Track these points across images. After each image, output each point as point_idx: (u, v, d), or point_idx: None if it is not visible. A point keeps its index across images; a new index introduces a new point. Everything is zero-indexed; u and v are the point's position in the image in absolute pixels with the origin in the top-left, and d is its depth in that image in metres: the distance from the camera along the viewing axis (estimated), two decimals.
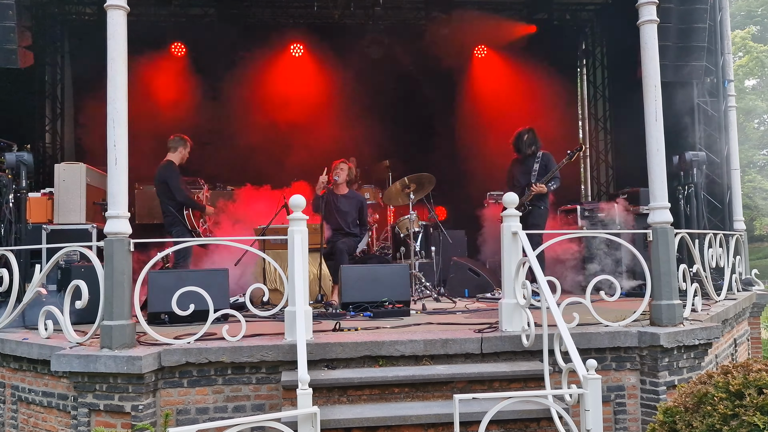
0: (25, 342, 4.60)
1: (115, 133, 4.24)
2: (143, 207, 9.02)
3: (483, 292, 7.36)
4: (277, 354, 4.19)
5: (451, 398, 3.57)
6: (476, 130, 10.59)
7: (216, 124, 10.43)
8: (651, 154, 4.81)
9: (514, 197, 4.73)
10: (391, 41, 10.92)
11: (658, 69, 4.85)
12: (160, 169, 6.97)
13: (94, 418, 4.10)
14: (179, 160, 7.04)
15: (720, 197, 8.31)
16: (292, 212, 4.49)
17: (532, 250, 4.38)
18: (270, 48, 10.67)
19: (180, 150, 7.04)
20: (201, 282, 4.55)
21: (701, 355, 4.69)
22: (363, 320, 5.42)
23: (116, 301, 4.16)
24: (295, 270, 4.29)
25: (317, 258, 6.27)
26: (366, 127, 10.05)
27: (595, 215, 7.99)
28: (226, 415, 4.18)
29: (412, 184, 7.50)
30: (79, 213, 6.98)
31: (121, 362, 3.95)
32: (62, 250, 4.68)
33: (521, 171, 7.30)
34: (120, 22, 4.31)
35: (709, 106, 8.41)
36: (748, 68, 26.50)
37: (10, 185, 5.85)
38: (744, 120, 24.96)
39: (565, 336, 3.82)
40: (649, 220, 4.87)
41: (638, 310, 4.73)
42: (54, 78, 10.65)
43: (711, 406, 3.07)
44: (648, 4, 4.84)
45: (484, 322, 4.89)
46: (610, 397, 4.52)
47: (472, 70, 11.31)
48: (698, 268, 5.68)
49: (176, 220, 6.82)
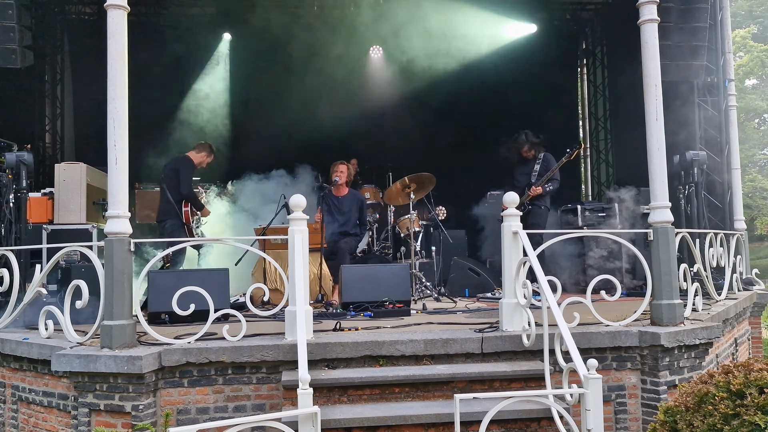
0: (26, 342, 4.60)
1: (115, 133, 4.24)
2: (143, 207, 9.01)
3: (483, 291, 7.36)
4: (278, 354, 4.18)
5: (452, 398, 3.57)
6: (477, 129, 10.59)
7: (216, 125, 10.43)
8: (651, 153, 4.81)
9: (514, 197, 4.73)
10: (392, 42, 10.91)
11: (659, 68, 4.84)
12: (175, 158, 7.13)
13: (95, 418, 4.10)
14: (198, 162, 7.16)
15: (720, 197, 8.32)
16: (293, 212, 4.49)
17: (532, 250, 4.38)
18: (270, 47, 10.68)
19: (203, 154, 7.22)
20: (201, 282, 4.54)
21: (702, 354, 4.68)
22: (363, 320, 5.41)
23: (116, 300, 4.16)
24: (295, 270, 4.29)
25: (318, 258, 6.26)
26: (366, 127, 10.05)
27: (595, 214, 7.98)
28: (226, 415, 4.18)
29: (412, 184, 7.50)
30: (79, 213, 6.97)
31: (122, 362, 3.95)
32: (62, 250, 4.68)
33: (522, 171, 7.33)
34: (120, 22, 4.30)
35: (710, 105, 8.42)
36: (748, 68, 26.47)
37: (11, 185, 5.85)
38: (744, 119, 24.94)
39: (566, 335, 3.81)
40: (649, 219, 4.87)
41: (639, 309, 4.72)
42: (54, 78, 10.64)
43: (712, 405, 3.06)
44: (648, 3, 4.83)
45: (485, 322, 4.89)
46: (610, 397, 4.52)
47: (471, 69, 11.29)
48: (699, 267, 5.68)
49: (172, 212, 6.84)
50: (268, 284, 6.31)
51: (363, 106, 10.56)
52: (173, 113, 10.34)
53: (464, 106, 10.96)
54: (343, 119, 10.06)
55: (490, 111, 10.76)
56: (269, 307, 4.74)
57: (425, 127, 10.72)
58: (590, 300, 4.53)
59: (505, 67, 10.79)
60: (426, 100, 10.76)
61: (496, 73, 10.77)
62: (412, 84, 10.73)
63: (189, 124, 10.17)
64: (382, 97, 10.74)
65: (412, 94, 10.77)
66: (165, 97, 10.29)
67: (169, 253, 5.46)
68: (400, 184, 7.59)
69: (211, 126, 10.36)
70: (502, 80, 10.73)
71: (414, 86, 10.72)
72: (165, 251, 5.38)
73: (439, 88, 10.84)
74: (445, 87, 10.89)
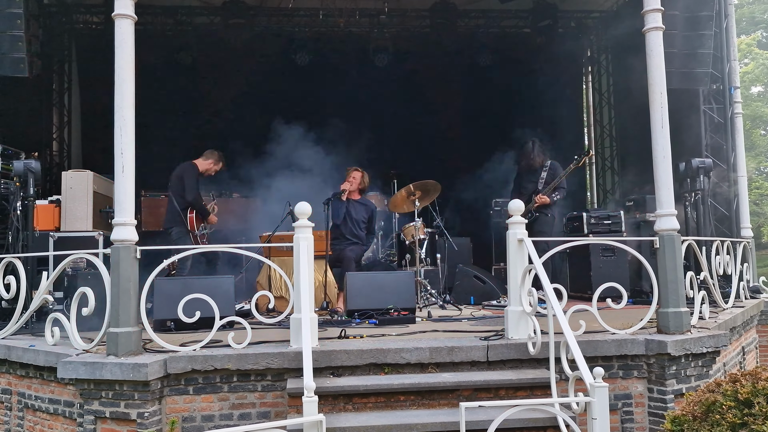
0: (32, 349, 4.62)
1: (122, 141, 4.27)
2: (149, 214, 9.04)
3: (489, 299, 7.34)
4: (283, 361, 4.18)
5: (457, 406, 3.56)
6: (482, 137, 10.60)
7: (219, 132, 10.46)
8: (657, 161, 4.80)
9: (520, 204, 4.72)
10: (396, 49, 10.96)
11: (664, 76, 4.85)
12: (181, 165, 7.06)
13: (100, 426, 4.10)
14: (204, 169, 7.10)
15: (727, 204, 8.29)
16: (298, 219, 4.49)
17: (538, 257, 4.37)
18: (276, 56, 10.74)
19: (210, 162, 7.15)
20: (207, 289, 4.55)
21: (709, 363, 4.65)
22: (368, 327, 5.41)
23: (122, 308, 4.17)
24: (300, 277, 4.29)
25: (322, 265, 6.26)
26: (372, 135, 10.06)
27: (601, 222, 7.96)
28: (231, 423, 4.18)
29: (417, 191, 7.50)
30: (85, 220, 7.01)
31: (127, 369, 3.96)
32: (69, 258, 4.70)
33: (529, 179, 7.34)
34: (127, 31, 4.34)
35: (716, 113, 8.41)
36: (754, 75, 26.41)
37: (18, 193, 5.90)
38: (750, 127, 24.83)
39: (572, 343, 3.80)
40: (655, 227, 4.86)
41: (645, 317, 4.70)
42: (61, 86, 10.72)
43: (719, 414, 3.05)
44: (653, 11, 4.84)
45: (490, 330, 4.88)
46: (617, 406, 4.49)
47: (477, 78, 11.33)
48: (705, 275, 5.65)
49: (178, 220, 6.80)
50: (273, 292, 6.32)
51: (368, 112, 10.58)
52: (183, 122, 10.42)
53: (469, 113, 10.98)
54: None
55: (495, 118, 10.77)
56: (274, 314, 4.75)
57: (430, 134, 10.75)
58: (596, 308, 4.51)
59: (509, 74, 10.82)
60: (431, 107, 10.79)
61: (501, 80, 10.80)
62: (417, 91, 10.76)
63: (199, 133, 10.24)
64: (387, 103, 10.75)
65: (417, 101, 10.80)
66: (174, 105, 10.37)
67: (175, 260, 5.46)
68: (405, 192, 7.60)
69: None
70: (506, 87, 10.75)
71: (419, 94, 10.75)
72: (169, 259, 5.38)
73: (444, 96, 10.88)
74: (451, 94, 10.93)
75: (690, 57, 7.44)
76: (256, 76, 10.67)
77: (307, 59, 10.77)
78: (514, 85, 10.72)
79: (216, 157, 7.24)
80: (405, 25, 11.25)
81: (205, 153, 7.26)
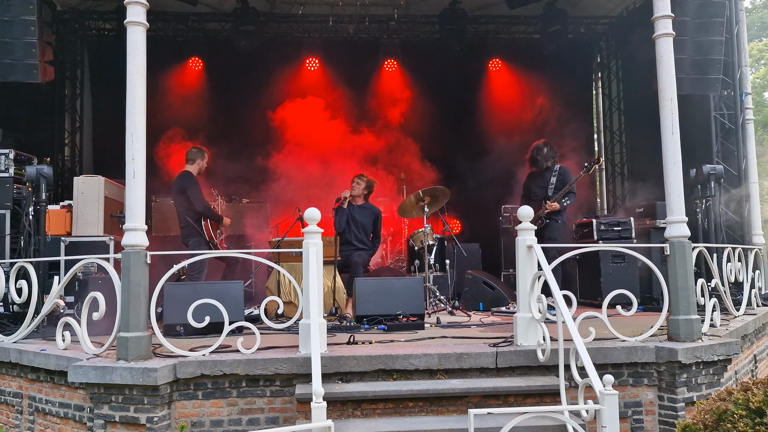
0: (43, 353, 4.65)
1: (133, 147, 4.30)
2: (160, 219, 9.10)
3: (498, 305, 7.32)
4: (292, 367, 4.19)
5: (466, 413, 3.55)
6: (491, 143, 10.59)
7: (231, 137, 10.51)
8: (668, 167, 4.78)
9: (529, 211, 4.71)
10: (405, 56, 11.00)
11: (675, 82, 4.83)
12: (177, 179, 6.90)
13: (110, 430, 4.12)
14: (197, 172, 6.96)
15: (738, 211, 8.23)
16: (307, 225, 4.50)
17: (547, 264, 4.35)
18: (285, 62, 10.80)
19: (198, 162, 6.98)
20: (216, 294, 4.57)
21: (720, 371, 4.61)
22: (377, 333, 5.41)
23: (132, 312, 4.19)
24: (309, 283, 4.30)
25: (331, 271, 6.27)
26: (381, 141, 10.09)
27: (611, 229, 7.92)
28: (240, 428, 4.19)
29: (426, 197, 7.51)
30: (97, 225, 7.06)
31: (137, 374, 3.98)
32: (80, 262, 4.74)
33: (538, 183, 7.31)
34: (139, 38, 4.38)
35: (727, 119, 8.37)
36: (765, 81, 26.23)
37: (30, 198, 5.95)
38: (762, 133, 24.66)
39: (581, 351, 3.78)
40: (666, 234, 4.83)
41: (655, 325, 4.67)
42: (73, 92, 10.83)
43: (731, 423, 3.02)
44: (664, 17, 4.83)
45: (499, 336, 4.86)
46: (627, 414, 4.46)
47: (487, 84, 11.34)
48: (716, 282, 5.60)
49: (193, 231, 6.73)
50: (283, 297, 6.33)
51: (378, 117, 10.62)
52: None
53: (478, 118, 10.98)
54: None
55: (505, 124, 10.76)
56: (283, 319, 4.75)
57: (439, 139, 10.75)
58: (606, 315, 4.48)
59: (520, 80, 10.82)
60: (440, 112, 10.80)
61: (510, 86, 10.81)
62: (426, 97, 10.79)
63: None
64: (396, 109, 10.77)
65: (426, 107, 10.81)
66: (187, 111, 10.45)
67: (185, 266, 5.48)
68: (414, 198, 7.60)
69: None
70: (516, 93, 10.75)
71: (428, 99, 10.77)
72: (179, 264, 5.39)
73: (453, 102, 10.89)
74: (460, 100, 10.94)
75: (701, 63, 7.41)
76: (265, 82, 10.73)
77: (316, 65, 10.83)
78: (523, 90, 10.71)
79: (200, 154, 7.04)
80: (414, 30, 11.31)
81: (188, 157, 7.02)
